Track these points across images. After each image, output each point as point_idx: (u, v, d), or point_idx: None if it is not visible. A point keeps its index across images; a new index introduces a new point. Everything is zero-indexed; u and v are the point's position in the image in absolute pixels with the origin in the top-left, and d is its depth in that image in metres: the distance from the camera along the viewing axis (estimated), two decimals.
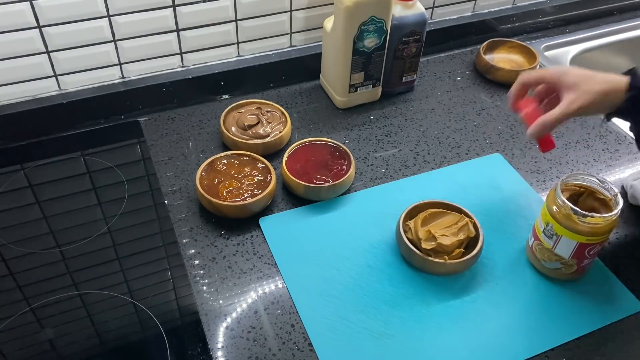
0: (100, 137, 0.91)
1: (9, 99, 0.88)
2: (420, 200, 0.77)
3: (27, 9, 0.80)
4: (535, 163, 0.90)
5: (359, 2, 0.84)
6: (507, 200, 0.83)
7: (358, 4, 0.84)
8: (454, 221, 0.74)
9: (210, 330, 0.66)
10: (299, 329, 0.67)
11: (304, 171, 0.81)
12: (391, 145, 0.92)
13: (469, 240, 0.73)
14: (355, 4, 0.84)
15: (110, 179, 0.84)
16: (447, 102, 1.02)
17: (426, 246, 0.71)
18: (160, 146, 0.90)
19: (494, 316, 0.69)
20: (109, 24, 0.86)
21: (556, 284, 0.72)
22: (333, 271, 0.73)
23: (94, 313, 0.68)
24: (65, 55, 0.87)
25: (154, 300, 0.69)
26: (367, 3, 0.85)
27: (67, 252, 0.74)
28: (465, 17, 1.15)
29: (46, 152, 0.88)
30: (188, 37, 0.93)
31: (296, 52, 1.02)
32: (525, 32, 1.20)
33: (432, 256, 0.70)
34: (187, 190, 0.83)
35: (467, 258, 0.70)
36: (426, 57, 1.11)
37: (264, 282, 0.72)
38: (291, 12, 0.98)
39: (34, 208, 0.80)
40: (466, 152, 0.91)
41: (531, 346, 0.66)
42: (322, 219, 0.79)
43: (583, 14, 1.24)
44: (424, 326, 0.67)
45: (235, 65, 0.99)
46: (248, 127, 0.88)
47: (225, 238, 0.77)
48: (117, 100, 0.93)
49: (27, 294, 0.69)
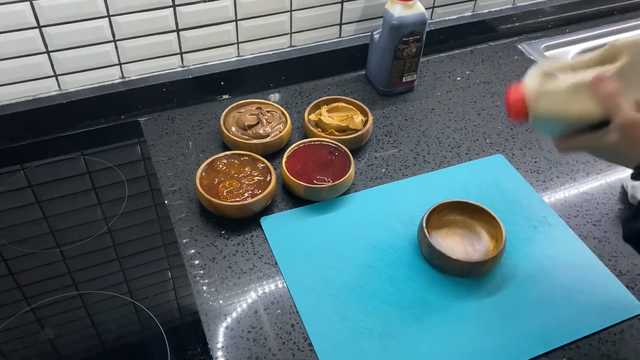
0: (100, 137, 0.91)
1: (9, 99, 0.88)
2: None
3: (27, 9, 0.80)
4: (535, 163, 0.90)
5: None
6: (509, 201, 0.82)
7: None
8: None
9: (210, 330, 0.66)
10: (299, 329, 0.67)
11: (303, 171, 0.81)
12: (391, 145, 0.92)
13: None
14: None
15: (110, 179, 0.84)
16: (447, 102, 1.02)
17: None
18: (160, 146, 0.90)
19: (494, 317, 0.69)
20: (109, 24, 0.86)
21: (556, 284, 0.72)
22: (333, 271, 0.73)
23: (94, 313, 0.68)
24: (65, 55, 0.87)
25: (154, 300, 0.69)
26: None
27: (67, 252, 0.74)
28: (465, 17, 1.15)
29: (46, 152, 0.88)
30: (188, 37, 0.93)
31: (296, 52, 1.02)
32: (525, 32, 1.20)
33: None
34: (187, 190, 0.83)
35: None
36: (426, 57, 1.11)
37: (264, 282, 0.72)
38: (291, 12, 0.98)
39: (34, 208, 0.80)
40: (466, 152, 0.91)
41: (531, 347, 0.66)
42: (322, 219, 0.79)
43: (583, 14, 1.24)
44: (424, 326, 0.67)
45: (235, 65, 0.99)
46: (248, 127, 0.88)
47: (225, 238, 0.77)
48: (117, 100, 0.93)
49: (27, 294, 0.69)
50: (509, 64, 1.12)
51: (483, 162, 0.89)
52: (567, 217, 0.81)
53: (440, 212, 0.76)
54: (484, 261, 0.70)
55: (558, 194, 0.85)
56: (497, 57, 1.13)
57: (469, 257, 0.73)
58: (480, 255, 0.73)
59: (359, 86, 1.04)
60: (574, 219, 0.81)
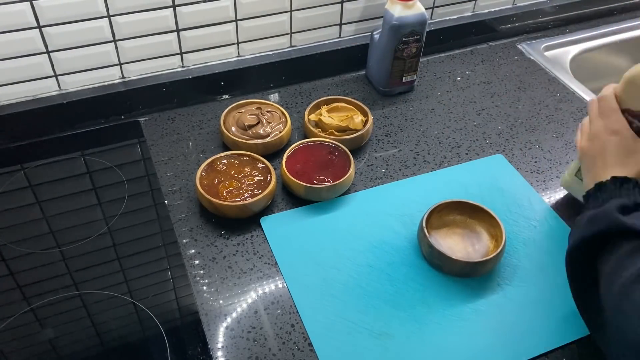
0: (100, 137, 0.91)
1: (9, 99, 0.88)
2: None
3: (27, 9, 0.80)
4: (535, 163, 0.90)
5: None
6: (509, 201, 0.82)
7: None
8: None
9: (210, 330, 0.66)
10: (299, 329, 0.67)
11: (303, 171, 0.81)
12: (391, 145, 0.92)
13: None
14: None
15: (110, 179, 0.84)
16: (447, 102, 1.02)
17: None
18: (160, 146, 0.90)
19: (493, 317, 0.69)
20: (109, 24, 0.86)
21: (556, 284, 0.72)
22: (333, 271, 0.73)
23: (94, 313, 0.68)
24: (65, 55, 0.87)
25: (154, 300, 0.69)
26: None
27: (67, 252, 0.74)
28: (465, 17, 1.15)
29: (46, 152, 0.88)
30: (188, 37, 0.93)
31: (296, 52, 1.02)
32: (525, 32, 1.20)
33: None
34: (187, 190, 0.83)
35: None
36: (426, 57, 1.11)
37: (264, 282, 0.72)
38: (291, 12, 0.98)
39: (34, 208, 0.80)
40: (466, 152, 0.91)
41: (531, 347, 0.66)
42: (322, 219, 0.79)
43: (583, 14, 1.24)
44: (424, 326, 0.67)
45: (235, 65, 0.99)
46: (248, 127, 0.88)
47: (225, 238, 0.77)
48: (117, 100, 0.93)
49: (27, 294, 0.69)
50: (509, 64, 1.12)
51: (483, 162, 0.89)
52: (567, 217, 0.81)
53: (440, 212, 0.76)
54: (484, 261, 0.70)
55: (558, 194, 0.85)
56: (497, 57, 1.14)
57: (469, 257, 0.73)
58: (480, 255, 0.73)
59: (359, 86, 1.04)
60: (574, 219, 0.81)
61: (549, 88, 1.06)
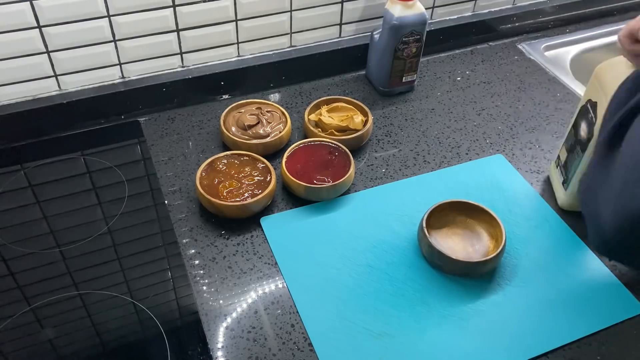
0: (100, 137, 0.91)
1: (9, 99, 0.88)
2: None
3: (27, 9, 0.80)
4: (535, 163, 0.90)
5: None
6: (509, 201, 0.82)
7: None
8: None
9: (210, 330, 0.66)
10: (299, 329, 0.67)
11: (303, 171, 0.81)
12: (391, 145, 0.92)
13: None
14: None
15: (110, 179, 0.84)
16: (447, 102, 1.02)
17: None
18: (160, 146, 0.90)
19: (494, 317, 0.69)
20: (109, 24, 0.86)
21: (556, 284, 0.72)
22: (333, 271, 0.73)
23: (94, 313, 0.68)
24: (65, 55, 0.87)
25: (154, 300, 0.69)
26: None
27: (67, 252, 0.74)
28: (465, 17, 1.15)
29: (46, 152, 0.88)
30: (188, 37, 0.93)
31: (296, 52, 1.02)
32: (525, 32, 1.20)
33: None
34: (187, 190, 0.83)
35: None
36: (426, 57, 1.11)
37: (264, 282, 0.72)
38: (291, 12, 0.98)
39: (34, 208, 0.80)
40: (466, 152, 0.91)
41: (531, 347, 0.66)
42: (322, 219, 0.79)
43: (583, 14, 1.24)
44: (424, 326, 0.67)
45: (235, 65, 0.99)
46: (248, 127, 0.88)
47: (225, 238, 0.77)
48: (117, 100, 0.93)
49: (27, 294, 0.69)
50: (509, 64, 1.12)
51: (483, 162, 0.89)
52: (567, 217, 0.81)
53: (440, 212, 0.76)
54: (484, 261, 0.70)
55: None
56: (497, 57, 1.14)
57: (469, 257, 0.73)
58: (480, 255, 0.73)
59: (359, 86, 1.04)
60: (574, 218, 0.81)
61: (549, 88, 1.06)
